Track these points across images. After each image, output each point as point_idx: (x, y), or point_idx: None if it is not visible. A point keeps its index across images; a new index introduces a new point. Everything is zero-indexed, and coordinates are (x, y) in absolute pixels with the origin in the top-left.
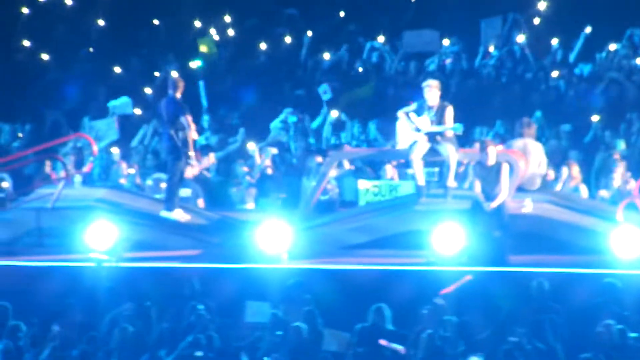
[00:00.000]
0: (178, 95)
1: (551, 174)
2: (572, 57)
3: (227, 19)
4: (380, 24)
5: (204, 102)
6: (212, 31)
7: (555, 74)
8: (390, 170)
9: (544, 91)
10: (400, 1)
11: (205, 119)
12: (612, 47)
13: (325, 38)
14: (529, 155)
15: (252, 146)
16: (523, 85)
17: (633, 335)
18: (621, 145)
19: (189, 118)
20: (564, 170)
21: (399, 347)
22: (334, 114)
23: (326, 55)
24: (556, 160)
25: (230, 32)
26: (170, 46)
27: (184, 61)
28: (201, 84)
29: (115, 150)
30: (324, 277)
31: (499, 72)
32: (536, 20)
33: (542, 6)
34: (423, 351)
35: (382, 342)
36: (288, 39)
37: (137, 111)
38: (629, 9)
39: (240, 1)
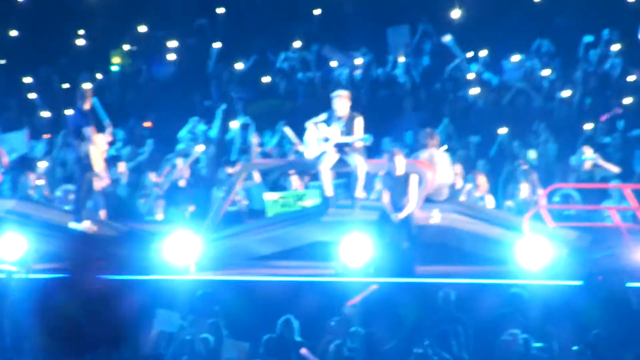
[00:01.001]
0: (85, 107)
1: (459, 184)
2: (477, 67)
3: (140, 29)
4: (291, 35)
5: (104, 116)
6: (125, 42)
7: (465, 84)
8: (296, 180)
9: (453, 101)
10: (309, 12)
11: (115, 130)
12: (516, 58)
13: (235, 48)
14: (436, 166)
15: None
16: (432, 95)
17: (537, 345)
18: (531, 155)
19: (93, 130)
20: (476, 181)
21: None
22: (239, 123)
23: (237, 66)
24: (464, 170)
25: (142, 43)
26: (84, 57)
27: (97, 72)
28: (95, 99)
29: (43, 164)
30: (232, 288)
31: (408, 82)
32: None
33: (455, 15)
34: None
35: (303, 351)
36: (198, 50)
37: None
38: (537, 19)
39: (152, 12)
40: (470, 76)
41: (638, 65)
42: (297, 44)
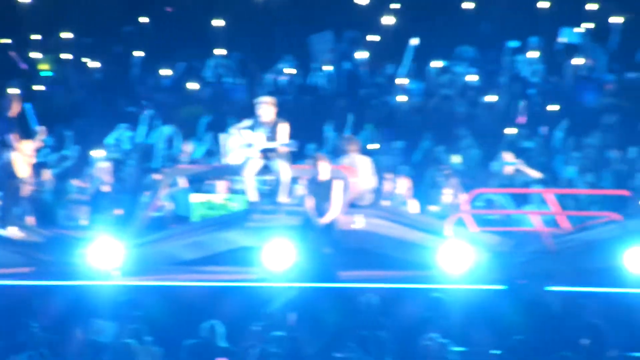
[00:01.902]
0: (10, 114)
1: (384, 189)
2: (401, 72)
3: (65, 36)
4: (215, 43)
5: (34, 122)
6: (51, 49)
7: (389, 90)
8: (221, 185)
9: (378, 107)
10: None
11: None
12: (439, 64)
13: (161, 56)
14: (359, 171)
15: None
16: (357, 101)
17: (458, 349)
18: (455, 160)
19: (16, 137)
20: (394, 185)
21: None
22: (168, 130)
23: (163, 72)
24: (388, 175)
25: (69, 50)
26: (12, 64)
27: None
28: (27, 106)
29: None
30: (157, 293)
31: (333, 88)
32: (372, 37)
33: (386, 21)
34: None
35: None
36: (124, 57)
37: None
38: (461, 26)
39: (77, 19)
40: (395, 82)
41: (558, 72)
42: (221, 51)
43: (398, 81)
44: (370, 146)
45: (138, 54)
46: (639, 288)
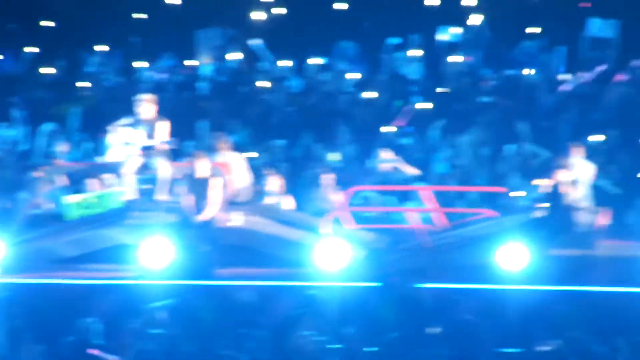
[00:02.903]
0: None
1: (259, 187)
2: (282, 71)
3: None
4: (100, 37)
5: None
6: None
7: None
8: (100, 183)
9: (257, 105)
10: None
11: None
12: (319, 61)
13: (42, 53)
14: (235, 169)
15: None
16: (237, 99)
17: (334, 346)
18: (334, 157)
19: None
20: (270, 183)
21: (112, 358)
22: (48, 128)
23: (44, 70)
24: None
25: None
26: None
27: None
28: None
29: None
30: (36, 291)
31: (214, 86)
32: (253, 35)
33: (262, 17)
34: None
35: (94, 351)
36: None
37: None
38: (342, 23)
39: None
40: (276, 80)
41: (437, 71)
42: (103, 48)
43: (278, 79)
44: (244, 145)
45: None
46: (513, 284)
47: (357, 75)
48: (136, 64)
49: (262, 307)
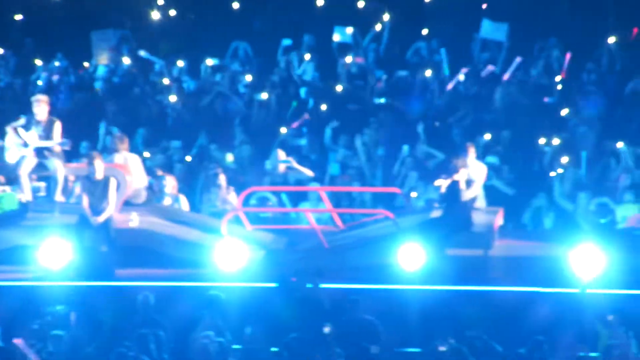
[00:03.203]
0: None
1: (155, 188)
2: (175, 71)
3: None
4: None
5: None
6: None
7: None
8: None
9: (152, 106)
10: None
11: None
12: (210, 62)
13: None
14: (132, 169)
15: None
16: (131, 100)
17: (234, 347)
18: (229, 158)
19: None
20: (165, 183)
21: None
22: None
23: None
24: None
25: None
26: None
27: None
28: None
29: None
30: None
31: (109, 86)
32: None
33: (155, 16)
34: None
35: (17, 341)
36: None
37: None
38: (234, 23)
39: None
40: (168, 81)
41: (331, 72)
42: None
43: (170, 80)
44: (140, 146)
45: None
46: (411, 284)
47: (250, 77)
48: (30, 65)
49: (162, 307)
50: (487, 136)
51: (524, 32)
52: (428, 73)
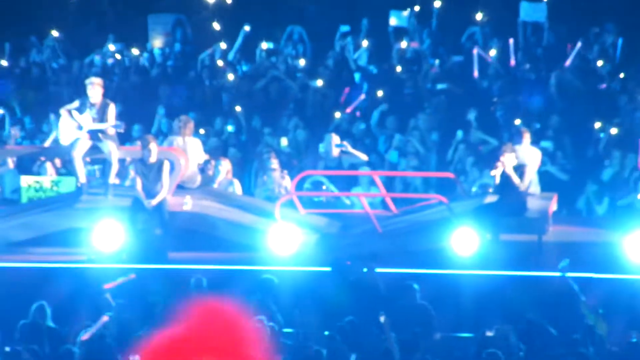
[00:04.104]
0: None
1: (208, 171)
2: (231, 55)
3: None
4: (49, 21)
5: None
6: None
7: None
8: (50, 167)
9: (206, 89)
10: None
11: None
12: (265, 45)
13: None
14: (189, 153)
15: None
16: (187, 83)
17: (287, 330)
18: (283, 142)
19: None
20: (219, 167)
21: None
22: None
23: None
24: (217, 157)
25: None
26: None
27: None
28: None
29: None
30: None
31: (164, 70)
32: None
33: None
34: (86, 349)
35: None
36: None
37: None
38: (288, 7)
39: None
40: (224, 63)
41: (386, 57)
42: (53, 32)
43: (226, 63)
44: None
45: None
46: (464, 269)
47: (302, 63)
48: (84, 47)
49: (216, 291)
50: (541, 121)
51: (580, 17)
52: (492, 52)
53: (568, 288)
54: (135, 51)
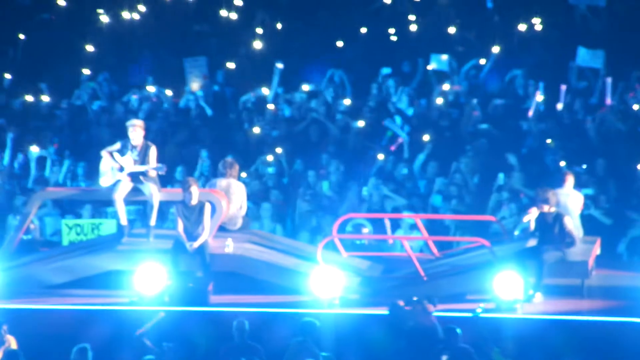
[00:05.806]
0: None
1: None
2: (270, 96)
3: None
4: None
5: None
6: None
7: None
8: (88, 209)
9: (245, 131)
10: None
11: None
12: (306, 87)
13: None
14: (232, 195)
15: None
16: (225, 125)
17: None
18: (325, 186)
19: None
20: (263, 210)
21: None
22: (38, 152)
23: (28, 98)
24: (258, 200)
25: None
26: None
27: None
28: None
29: None
30: (27, 317)
31: (203, 112)
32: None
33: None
34: None
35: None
36: None
37: None
38: (328, 51)
39: None
40: (273, 106)
41: (427, 98)
42: (86, 71)
43: (268, 106)
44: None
45: (7, 76)
46: (509, 312)
47: (347, 102)
48: (124, 89)
49: (258, 334)
50: (583, 166)
51: (620, 60)
52: (539, 97)
53: (610, 334)
54: (169, 92)
